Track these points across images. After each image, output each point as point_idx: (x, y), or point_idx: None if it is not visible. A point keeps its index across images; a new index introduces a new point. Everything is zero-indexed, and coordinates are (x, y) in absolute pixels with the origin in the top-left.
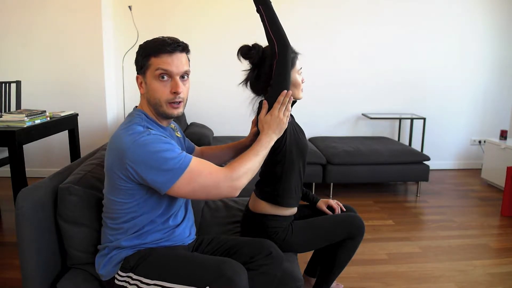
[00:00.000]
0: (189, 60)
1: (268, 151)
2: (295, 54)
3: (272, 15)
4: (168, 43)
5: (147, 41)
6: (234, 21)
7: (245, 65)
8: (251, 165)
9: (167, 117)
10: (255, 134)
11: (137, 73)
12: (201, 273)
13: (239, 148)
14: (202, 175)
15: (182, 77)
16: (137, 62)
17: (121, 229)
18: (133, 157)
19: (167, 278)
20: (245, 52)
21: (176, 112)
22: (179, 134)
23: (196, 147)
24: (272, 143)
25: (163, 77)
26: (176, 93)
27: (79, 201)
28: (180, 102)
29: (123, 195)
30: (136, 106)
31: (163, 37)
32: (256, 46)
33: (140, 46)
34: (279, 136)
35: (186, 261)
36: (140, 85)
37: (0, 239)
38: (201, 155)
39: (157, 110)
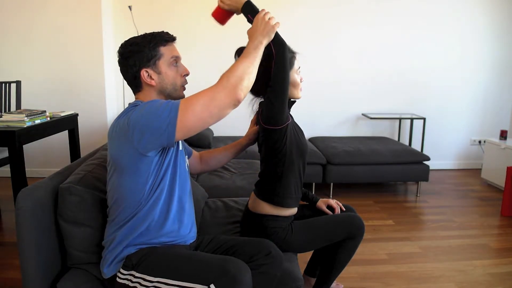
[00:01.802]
0: None
1: (261, 56)
2: (292, 54)
3: None
4: (166, 33)
5: (144, 36)
6: (234, 21)
7: None
8: (243, 68)
9: None
10: (254, 133)
11: (142, 68)
12: (205, 271)
13: (237, 148)
14: (195, 98)
15: None
16: (141, 56)
17: (124, 220)
18: (134, 123)
19: (170, 275)
20: None
21: (185, 94)
22: None
23: (194, 152)
24: (262, 46)
25: (176, 64)
26: (186, 75)
27: (79, 201)
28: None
29: (133, 175)
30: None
31: (151, 32)
32: None
33: (143, 40)
34: (269, 39)
35: (189, 259)
36: (148, 78)
37: (0, 239)
38: (200, 160)
39: (172, 96)
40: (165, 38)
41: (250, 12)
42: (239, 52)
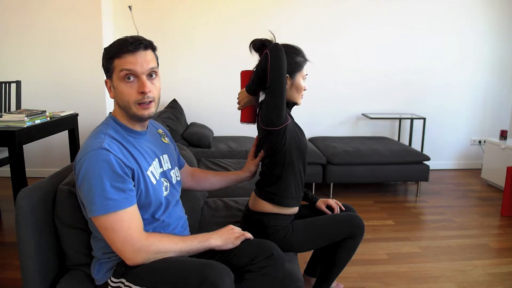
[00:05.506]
0: (157, 58)
1: (198, 249)
2: (304, 59)
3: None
4: (129, 42)
5: (111, 43)
6: (234, 21)
7: (244, 64)
8: (169, 248)
9: (139, 119)
10: (255, 165)
11: (106, 78)
12: (185, 279)
13: (235, 179)
14: (120, 226)
15: (150, 75)
16: (103, 66)
17: (100, 239)
18: (80, 168)
19: (153, 284)
20: (258, 46)
21: (147, 113)
22: (166, 140)
23: (187, 166)
24: (207, 244)
25: (129, 78)
26: (143, 93)
27: (77, 203)
28: (150, 102)
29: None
30: (110, 113)
31: (125, 36)
32: (268, 41)
33: (104, 49)
34: (219, 245)
35: (172, 266)
36: (109, 89)
37: (0, 239)
38: (191, 177)
39: (128, 113)
40: (121, 50)
41: (253, 82)
42: (255, 45)
